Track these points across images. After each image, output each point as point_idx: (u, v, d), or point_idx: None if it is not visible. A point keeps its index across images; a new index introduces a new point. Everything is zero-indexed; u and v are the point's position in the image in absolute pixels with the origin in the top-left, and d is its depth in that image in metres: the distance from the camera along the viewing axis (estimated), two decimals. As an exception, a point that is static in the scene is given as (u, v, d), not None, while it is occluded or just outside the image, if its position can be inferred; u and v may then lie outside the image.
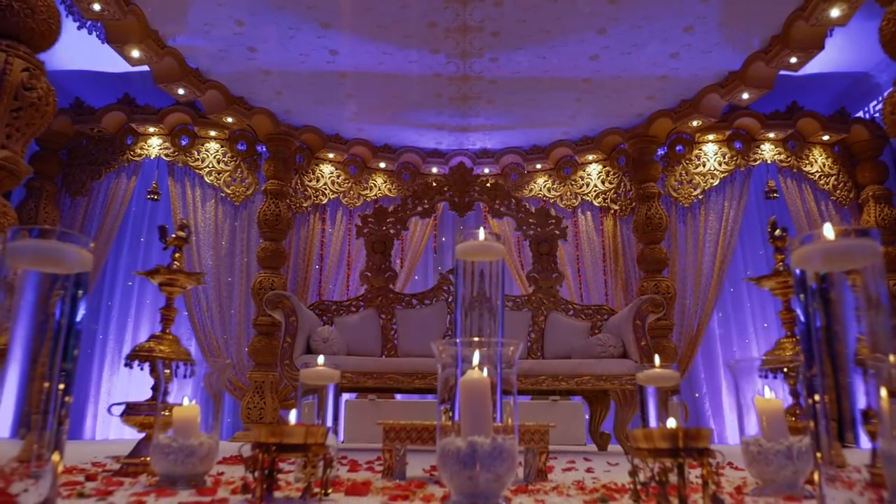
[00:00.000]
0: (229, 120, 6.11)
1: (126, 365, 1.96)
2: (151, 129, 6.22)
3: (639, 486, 1.28)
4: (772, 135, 6.26)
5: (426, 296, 4.75)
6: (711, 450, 1.20)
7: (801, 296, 0.97)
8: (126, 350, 6.82)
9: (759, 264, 6.93)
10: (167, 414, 1.60)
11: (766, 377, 1.74)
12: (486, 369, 1.29)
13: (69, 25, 5.84)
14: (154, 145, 6.25)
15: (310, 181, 6.67)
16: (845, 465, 0.91)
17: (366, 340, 4.37)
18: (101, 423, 6.50)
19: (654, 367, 1.65)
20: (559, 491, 1.52)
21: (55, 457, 0.97)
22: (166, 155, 6.25)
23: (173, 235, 2.24)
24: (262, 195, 6.23)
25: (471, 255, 1.59)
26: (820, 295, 0.93)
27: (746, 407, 1.58)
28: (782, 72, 5.29)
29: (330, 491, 1.30)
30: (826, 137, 6.30)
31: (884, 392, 0.87)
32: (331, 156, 6.72)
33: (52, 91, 2.57)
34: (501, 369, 1.39)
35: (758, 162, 6.30)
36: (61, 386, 0.97)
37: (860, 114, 7.54)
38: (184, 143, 6.28)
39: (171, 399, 1.94)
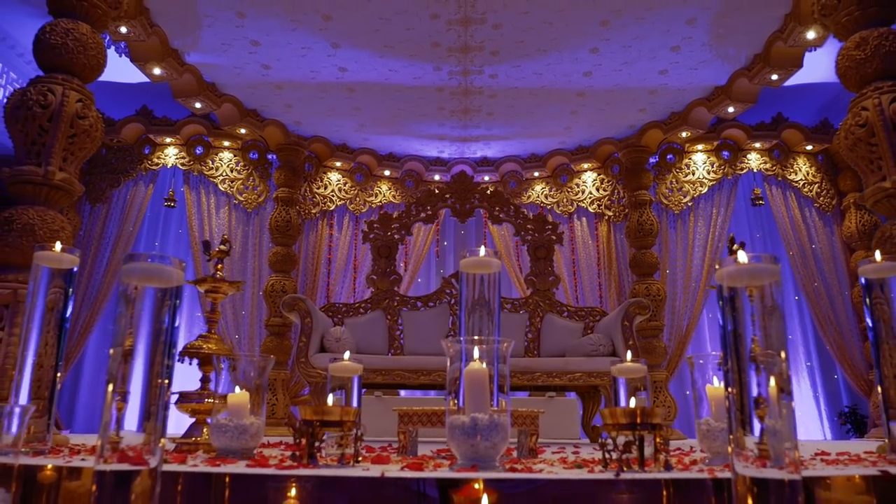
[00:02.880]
0: (242, 131, 6.43)
1: (178, 360, 2.28)
2: (168, 140, 6.54)
3: (607, 456, 1.60)
4: (758, 145, 6.58)
5: (430, 298, 5.07)
6: (662, 424, 1.52)
7: (720, 303, 1.29)
8: (142, 349, 7.14)
9: (747, 267, 7.23)
10: (215, 401, 1.92)
11: (721, 370, 2.07)
12: (484, 363, 1.62)
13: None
14: (170, 154, 6.58)
15: (318, 188, 7.00)
16: (744, 445, 1.23)
17: (374, 340, 4.69)
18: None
19: (625, 361, 1.97)
20: (546, 462, 1.84)
21: (162, 440, 1.30)
22: (182, 164, 6.58)
23: (217, 249, 2.55)
24: (273, 202, 6.56)
25: (472, 268, 1.92)
26: (730, 303, 1.25)
27: (700, 396, 1.91)
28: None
29: (360, 459, 1.62)
30: (809, 147, 6.62)
31: (773, 381, 1.19)
32: (338, 164, 7.04)
33: (99, 118, 2.89)
34: (497, 363, 1.71)
35: (744, 170, 6.62)
36: (166, 381, 1.29)
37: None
38: (198, 152, 6.61)
39: (212, 387, 2.27)
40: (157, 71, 5.31)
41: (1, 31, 6.56)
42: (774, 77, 5.30)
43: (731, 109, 5.87)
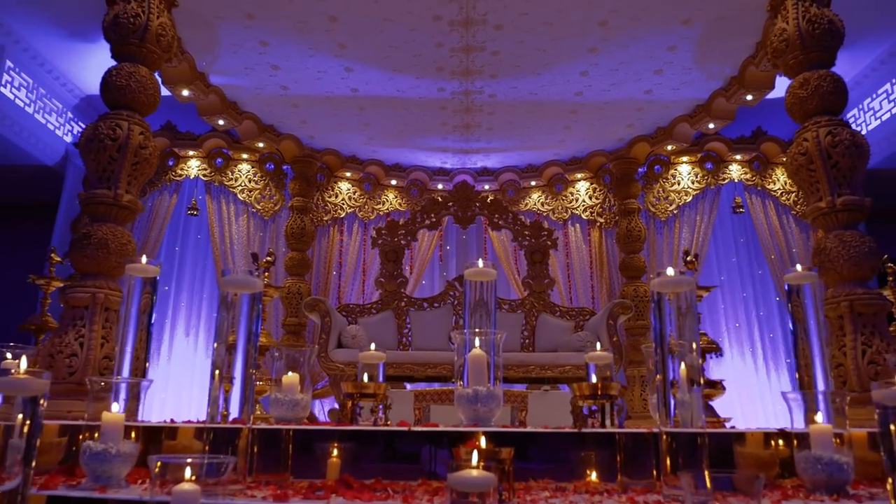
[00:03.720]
0: (260, 144, 6.94)
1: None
2: (191, 153, 7.05)
3: (577, 417, 2.10)
4: (738, 157, 7.08)
5: (435, 300, 5.58)
6: (616, 396, 2.02)
7: (652, 305, 1.79)
8: (165, 347, 7.64)
9: (731, 270, 7.71)
10: (271, 382, 2.42)
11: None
12: (483, 351, 2.12)
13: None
14: (193, 166, 7.09)
15: (329, 197, 7.50)
16: (666, 414, 1.74)
17: (384, 337, 5.19)
18: (145, 409, 7.30)
19: (596, 350, 2.47)
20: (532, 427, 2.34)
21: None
22: (204, 175, 7.08)
23: (264, 259, 3.05)
24: (289, 210, 7.06)
25: (474, 276, 2.42)
26: (657, 306, 1.75)
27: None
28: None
29: (388, 423, 2.12)
30: (786, 159, 7.10)
31: (683, 365, 1.69)
32: (348, 174, 7.55)
33: (156, 147, 3.40)
34: (493, 350, 2.21)
35: (726, 180, 7.12)
36: (255, 371, 1.80)
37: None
38: (219, 164, 7.12)
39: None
40: (185, 92, 5.81)
41: (31, 49, 7.08)
42: (749, 97, 5.79)
43: (711, 126, 6.37)
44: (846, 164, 3.14)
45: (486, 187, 7.81)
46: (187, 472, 1.35)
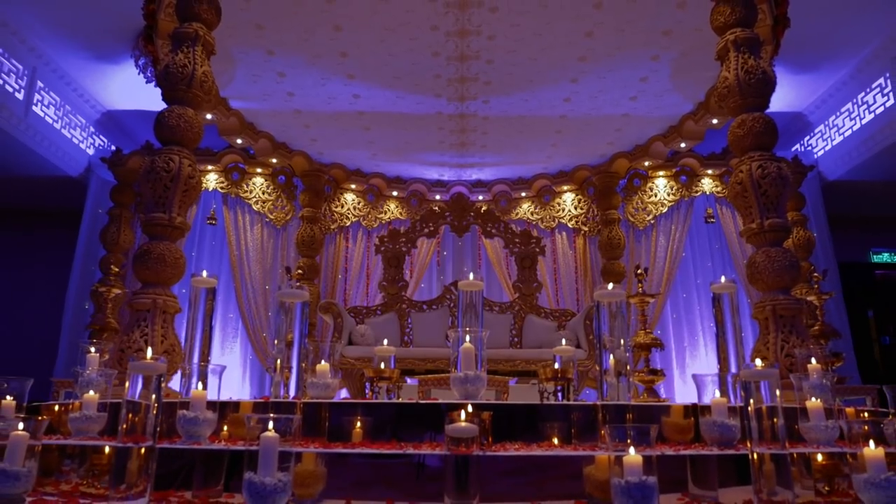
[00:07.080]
0: (273, 160, 7.59)
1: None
2: (210, 167, 7.69)
3: (543, 396, 2.76)
4: (710, 171, 7.75)
5: (433, 302, 6.23)
6: (572, 379, 2.69)
7: (595, 311, 2.46)
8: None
9: (707, 274, 8.38)
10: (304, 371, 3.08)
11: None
12: (472, 345, 2.78)
13: (140, 80, 7.35)
14: (211, 179, 7.73)
15: (336, 207, 8.15)
16: (601, 392, 2.40)
17: (389, 336, 5.81)
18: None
19: (562, 346, 3.14)
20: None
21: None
22: (221, 187, 7.73)
23: (297, 272, 3.70)
24: (299, 220, 7.71)
25: (466, 287, 3.08)
26: (597, 311, 2.42)
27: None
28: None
29: (399, 398, 2.78)
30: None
31: (611, 358, 2.36)
32: (353, 186, 8.20)
33: (200, 176, 4.04)
34: (480, 344, 2.87)
35: (699, 193, 7.80)
36: (304, 364, 2.45)
37: (797, 146, 9.08)
38: (235, 177, 7.77)
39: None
40: (208, 116, 6.45)
41: (60, 69, 7.72)
42: (715, 121, 6.46)
43: (682, 145, 7.04)
44: (773, 193, 3.80)
45: (480, 198, 8.46)
46: (270, 424, 2.01)
